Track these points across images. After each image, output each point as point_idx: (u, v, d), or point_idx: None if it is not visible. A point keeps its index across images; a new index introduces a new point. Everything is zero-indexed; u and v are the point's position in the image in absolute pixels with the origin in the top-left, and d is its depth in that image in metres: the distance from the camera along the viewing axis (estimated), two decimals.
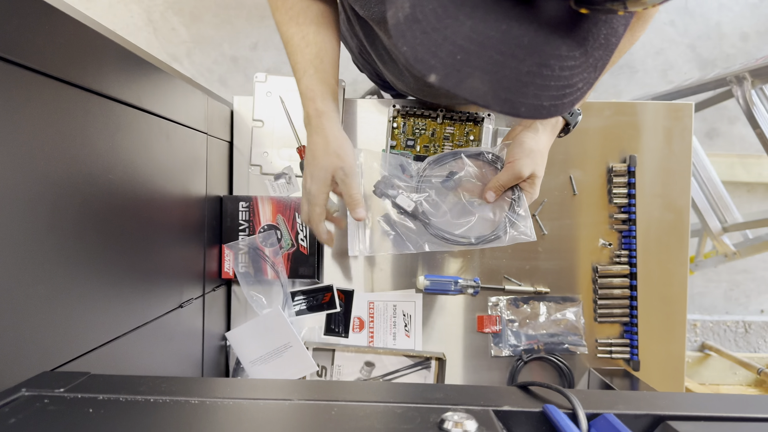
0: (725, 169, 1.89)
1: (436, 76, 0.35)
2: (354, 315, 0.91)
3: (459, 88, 0.35)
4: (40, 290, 0.43)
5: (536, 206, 0.90)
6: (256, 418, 0.37)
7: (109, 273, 0.54)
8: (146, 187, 0.61)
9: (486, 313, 0.91)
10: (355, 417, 0.37)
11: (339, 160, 0.66)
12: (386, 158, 0.82)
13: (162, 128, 0.65)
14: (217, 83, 1.94)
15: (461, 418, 0.35)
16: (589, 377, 0.90)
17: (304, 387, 0.46)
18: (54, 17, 0.44)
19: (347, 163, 0.67)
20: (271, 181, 0.91)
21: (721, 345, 1.92)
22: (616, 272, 0.89)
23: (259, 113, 0.91)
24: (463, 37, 0.35)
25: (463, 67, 0.35)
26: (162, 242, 0.67)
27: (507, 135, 0.79)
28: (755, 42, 1.98)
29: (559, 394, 0.41)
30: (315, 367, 0.88)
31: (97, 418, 0.35)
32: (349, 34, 0.89)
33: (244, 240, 0.89)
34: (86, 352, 0.49)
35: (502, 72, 0.35)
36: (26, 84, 0.41)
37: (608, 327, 0.91)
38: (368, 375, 0.90)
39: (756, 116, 1.26)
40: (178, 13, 1.91)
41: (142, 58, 0.59)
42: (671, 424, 0.38)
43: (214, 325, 0.87)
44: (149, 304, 0.63)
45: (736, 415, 0.39)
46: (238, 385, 0.44)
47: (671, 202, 0.90)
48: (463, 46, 0.35)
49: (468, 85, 0.35)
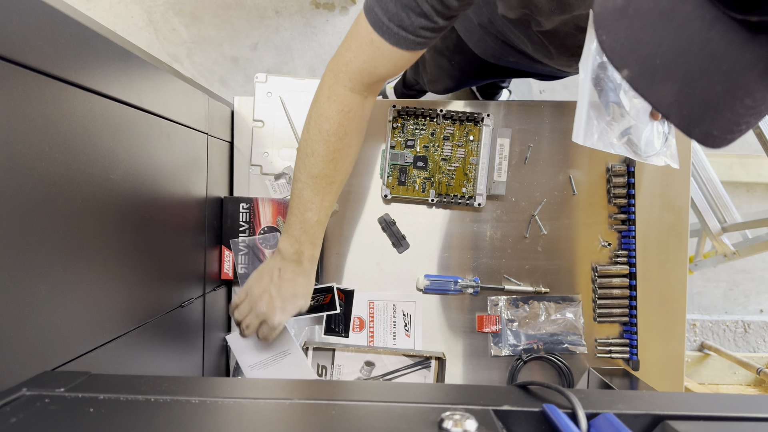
0: (724, 169, 1.90)
1: (629, 73, 0.35)
2: (354, 315, 0.91)
3: (648, 91, 0.35)
4: (41, 290, 0.43)
5: (536, 206, 0.90)
6: (256, 418, 0.37)
7: (109, 273, 0.54)
8: (147, 187, 0.61)
9: (486, 313, 0.91)
10: (355, 417, 0.37)
11: (300, 299, 0.78)
12: None
13: (162, 128, 0.65)
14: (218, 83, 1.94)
15: (461, 417, 0.35)
16: (589, 377, 0.90)
17: (304, 387, 0.46)
18: (54, 17, 0.44)
19: (304, 305, 0.79)
20: (272, 182, 0.91)
21: (721, 345, 1.92)
22: (615, 272, 0.90)
23: (259, 113, 0.91)
24: (669, 43, 0.34)
25: (659, 72, 0.35)
26: (162, 242, 0.67)
27: None
28: None
29: (558, 394, 0.41)
30: (314, 375, 0.88)
31: (97, 418, 0.35)
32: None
33: (245, 240, 0.89)
34: (86, 352, 0.49)
35: (694, 89, 0.35)
36: (26, 84, 0.41)
37: (608, 327, 0.91)
38: (368, 375, 0.90)
39: None
40: (178, 14, 1.91)
41: (143, 59, 0.59)
42: (671, 423, 0.38)
43: (214, 325, 0.87)
44: (149, 304, 0.63)
45: (736, 415, 0.39)
46: (238, 385, 0.45)
47: (670, 202, 0.90)
48: (666, 52, 0.34)
49: (657, 90, 0.35)
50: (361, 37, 0.62)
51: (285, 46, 1.93)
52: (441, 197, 0.89)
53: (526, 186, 0.91)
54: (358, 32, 0.63)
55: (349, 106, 0.67)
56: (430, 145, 0.89)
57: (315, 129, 0.69)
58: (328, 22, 1.93)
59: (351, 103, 0.67)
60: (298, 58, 1.94)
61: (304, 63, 1.94)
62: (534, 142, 0.90)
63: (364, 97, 0.69)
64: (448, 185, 0.89)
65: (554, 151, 0.91)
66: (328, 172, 0.70)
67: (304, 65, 1.94)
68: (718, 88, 0.34)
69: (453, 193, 0.89)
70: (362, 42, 0.62)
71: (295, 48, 1.93)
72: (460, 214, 0.91)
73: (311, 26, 1.93)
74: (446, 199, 0.89)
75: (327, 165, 0.70)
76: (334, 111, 0.67)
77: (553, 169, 0.90)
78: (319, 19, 1.94)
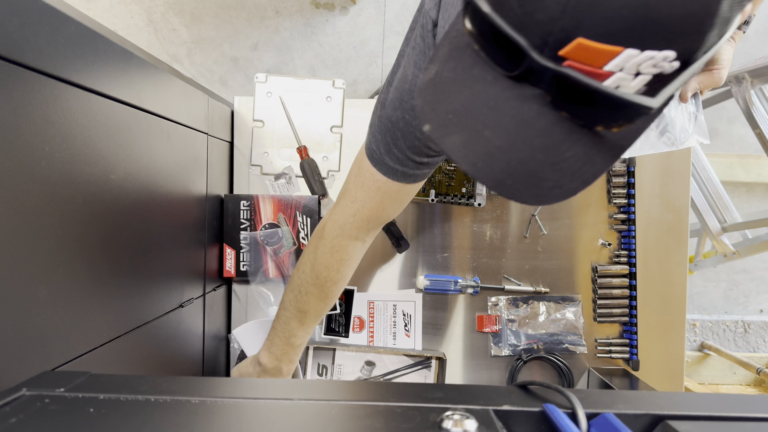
0: (724, 169, 1.90)
1: (430, 127, 0.40)
2: (354, 315, 0.91)
3: (442, 140, 0.40)
4: (41, 290, 0.43)
5: (536, 206, 0.90)
6: (256, 418, 0.37)
7: (109, 273, 0.54)
8: (147, 187, 0.61)
9: (486, 313, 0.91)
10: (355, 417, 0.37)
11: (269, 371, 0.79)
12: None
13: (163, 128, 0.65)
14: (218, 83, 1.94)
15: (461, 417, 0.35)
16: (589, 377, 0.90)
17: (304, 387, 0.46)
18: (54, 17, 0.44)
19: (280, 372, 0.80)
20: (272, 181, 0.91)
21: (721, 345, 1.93)
22: (615, 272, 0.90)
23: (259, 113, 0.91)
24: (459, 102, 0.40)
25: (450, 125, 0.40)
26: (162, 242, 0.67)
27: None
28: (754, 42, 1.98)
29: (558, 394, 0.41)
30: (314, 374, 0.88)
31: (97, 418, 0.35)
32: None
33: (246, 238, 0.89)
34: (86, 352, 0.49)
35: (478, 139, 0.39)
36: (26, 84, 0.41)
37: (607, 327, 0.91)
38: (369, 374, 0.90)
39: (755, 116, 1.26)
40: (178, 14, 1.91)
41: (143, 59, 0.59)
42: (671, 423, 0.38)
43: (214, 325, 0.87)
44: (149, 304, 0.63)
45: (736, 415, 0.39)
46: (238, 385, 0.44)
47: (670, 202, 0.90)
48: (456, 109, 0.40)
49: (449, 140, 0.40)
50: (367, 186, 0.66)
51: (285, 46, 1.93)
52: (441, 197, 0.89)
53: None
54: (363, 182, 0.66)
55: (351, 254, 0.71)
56: None
57: (313, 273, 0.72)
58: (328, 22, 1.93)
59: (353, 251, 0.71)
60: (298, 58, 1.94)
61: (304, 63, 1.94)
62: None
63: (364, 242, 0.72)
64: (448, 185, 0.89)
65: None
66: (318, 309, 0.74)
67: (304, 65, 1.94)
68: (500, 140, 0.39)
69: (453, 193, 0.89)
70: (369, 190, 0.66)
71: (295, 48, 1.94)
72: (460, 214, 0.91)
73: (311, 26, 1.93)
74: (446, 198, 0.89)
75: (318, 304, 0.73)
76: (335, 260, 0.71)
77: None
78: (319, 19, 1.94)
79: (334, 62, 1.91)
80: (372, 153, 0.64)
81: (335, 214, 0.70)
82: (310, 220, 0.89)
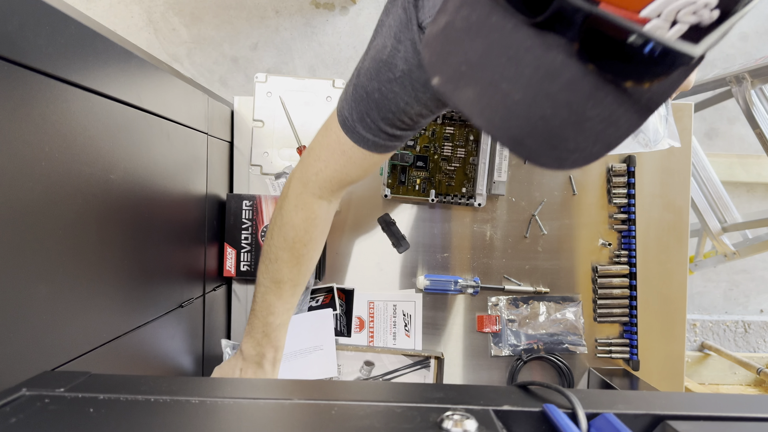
0: (725, 169, 1.89)
1: (439, 79, 0.37)
2: (354, 315, 0.91)
3: (453, 94, 0.37)
4: (41, 290, 0.43)
5: (536, 206, 0.90)
6: (256, 418, 0.37)
7: (109, 273, 0.54)
8: (147, 187, 0.61)
9: (486, 313, 0.91)
10: (355, 417, 0.37)
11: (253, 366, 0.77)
12: None
13: (162, 128, 0.65)
14: (218, 83, 1.94)
15: (461, 417, 0.35)
16: (589, 377, 0.90)
17: (304, 387, 0.46)
18: (54, 17, 0.44)
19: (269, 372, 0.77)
20: (272, 181, 0.91)
21: (721, 345, 1.92)
22: (615, 272, 0.90)
23: (259, 113, 0.91)
24: (474, 52, 0.37)
25: (464, 77, 0.37)
26: (162, 243, 0.67)
27: None
28: (755, 42, 1.98)
29: (558, 394, 0.41)
30: (336, 373, 0.87)
31: (97, 418, 0.35)
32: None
33: (247, 238, 0.89)
34: (86, 352, 0.49)
35: (494, 92, 0.36)
36: (26, 84, 0.41)
37: (608, 327, 0.91)
38: (368, 374, 0.90)
39: (755, 116, 1.26)
40: (178, 14, 1.91)
41: (143, 59, 0.59)
42: (671, 423, 0.38)
43: (214, 326, 0.87)
44: (149, 304, 0.63)
45: (736, 415, 0.39)
46: (239, 385, 0.44)
47: (671, 202, 0.90)
48: (470, 59, 0.37)
49: (461, 93, 0.37)
50: (332, 148, 0.64)
51: (285, 46, 1.93)
52: (441, 197, 0.89)
53: (526, 186, 0.91)
54: (329, 143, 0.65)
55: (316, 213, 0.69)
56: (430, 145, 0.89)
57: (280, 236, 0.70)
58: (328, 22, 1.93)
59: (318, 209, 0.69)
60: (298, 57, 1.94)
61: (304, 63, 1.94)
62: None
63: (329, 202, 0.70)
64: (448, 185, 0.89)
65: None
66: (292, 277, 0.72)
67: (304, 65, 1.94)
68: (519, 93, 0.36)
69: (453, 193, 0.89)
70: (333, 152, 0.65)
71: (295, 48, 1.94)
72: (460, 214, 0.91)
73: (311, 26, 1.93)
74: (446, 199, 0.89)
75: (291, 270, 0.71)
76: (300, 219, 0.69)
77: None
78: (319, 19, 1.94)
79: (334, 62, 1.91)
80: (344, 120, 0.62)
81: (298, 171, 0.68)
82: None
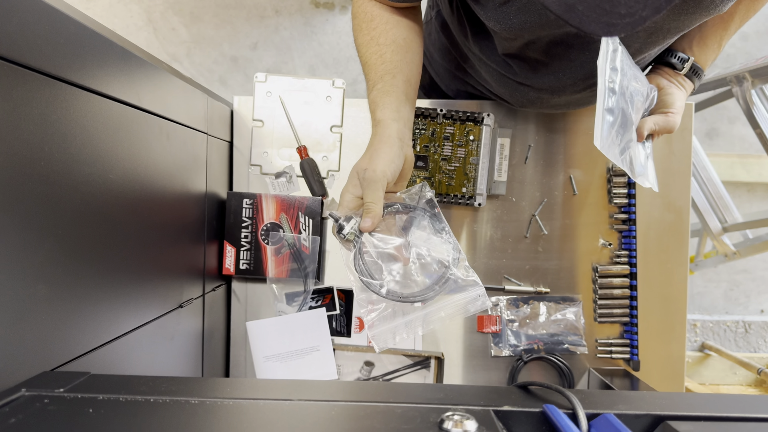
0: (725, 169, 1.90)
1: None
2: (354, 315, 0.91)
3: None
4: (40, 290, 0.43)
5: (536, 206, 0.90)
6: (256, 418, 0.37)
7: (109, 273, 0.54)
8: (146, 187, 0.61)
9: (486, 313, 0.91)
10: (355, 417, 0.37)
11: (366, 162, 0.65)
12: None
13: (162, 128, 0.65)
14: (217, 83, 1.94)
15: (461, 417, 0.35)
16: (589, 377, 0.90)
17: (304, 387, 0.46)
18: (54, 17, 0.44)
19: (371, 168, 0.63)
20: (272, 180, 0.91)
21: (721, 345, 1.92)
22: (616, 272, 0.89)
23: (259, 113, 0.91)
24: None
25: None
26: (162, 243, 0.67)
27: (649, 78, 0.75)
28: (755, 42, 1.98)
29: (559, 394, 0.41)
30: (335, 375, 0.87)
31: (97, 418, 0.35)
32: (445, 56, 0.91)
33: (247, 237, 0.89)
34: (86, 352, 0.49)
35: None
36: (26, 84, 0.41)
37: (608, 327, 0.91)
38: (368, 374, 0.90)
39: (756, 116, 1.26)
40: (178, 13, 1.91)
41: (142, 58, 0.59)
42: (671, 424, 0.38)
43: (214, 325, 0.87)
44: (149, 304, 0.63)
45: (736, 415, 0.39)
46: (238, 385, 0.44)
47: (671, 202, 0.90)
48: None
49: None
50: None
51: (285, 46, 1.93)
52: (441, 197, 0.89)
53: (526, 186, 0.91)
54: None
55: (372, 14, 0.70)
56: (430, 145, 0.89)
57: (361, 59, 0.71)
58: (327, 22, 1.93)
59: (372, 9, 0.71)
60: (298, 57, 1.94)
61: (304, 62, 1.94)
62: (534, 142, 0.90)
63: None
64: (448, 185, 0.89)
65: (554, 150, 0.91)
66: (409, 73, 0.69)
67: (304, 65, 1.94)
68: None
69: (453, 193, 0.89)
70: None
71: (295, 47, 1.93)
72: (460, 214, 0.91)
73: (311, 26, 1.93)
74: (446, 199, 0.89)
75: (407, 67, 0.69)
76: (356, 25, 0.71)
77: (553, 169, 0.90)
78: (319, 19, 1.94)
79: (333, 61, 1.91)
80: None
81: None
82: (312, 221, 0.89)
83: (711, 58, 0.75)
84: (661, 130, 0.73)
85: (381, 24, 0.69)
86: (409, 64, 0.69)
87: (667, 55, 0.74)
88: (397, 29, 0.69)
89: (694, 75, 0.74)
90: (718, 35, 0.73)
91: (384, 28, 0.69)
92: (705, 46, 0.73)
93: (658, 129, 0.73)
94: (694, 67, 0.73)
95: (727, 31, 0.73)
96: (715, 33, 0.72)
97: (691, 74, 0.74)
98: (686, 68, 0.73)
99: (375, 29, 0.69)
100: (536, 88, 0.77)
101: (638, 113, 0.69)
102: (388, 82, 0.68)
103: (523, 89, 0.78)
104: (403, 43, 0.69)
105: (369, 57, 0.69)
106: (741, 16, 0.72)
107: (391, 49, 0.68)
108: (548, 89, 0.76)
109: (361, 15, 0.71)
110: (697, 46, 0.73)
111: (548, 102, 0.80)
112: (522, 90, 0.79)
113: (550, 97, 0.78)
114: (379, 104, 0.67)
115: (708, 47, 0.73)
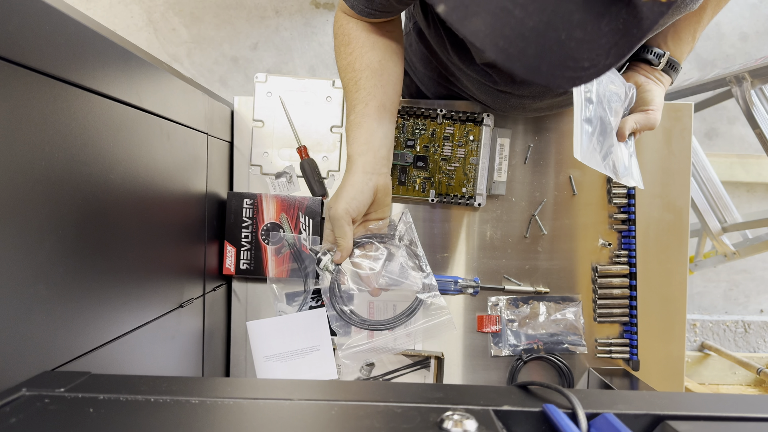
0: (725, 169, 1.90)
1: (445, 8, 0.36)
2: None
3: (461, 24, 0.36)
4: (40, 290, 0.43)
5: (536, 206, 0.90)
6: (256, 418, 0.37)
7: (109, 273, 0.54)
8: (147, 187, 0.61)
9: (486, 313, 0.91)
10: (355, 417, 0.37)
11: (333, 201, 0.68)
12: None
13: (162, 128, 0.65)
14: (218, 83, 1.94)
15: (461, 417, 0.35)
16: (589, 377, 0.90)
17: (304, 387, 0.46)
18: (54, 17, 0.44)
19: (334, 207, 0.67)
20: (272, 180, 0.91)
21: (721, 345, 1.93)
22: (615, 272, 0.90)
23: (259, 113, 0.91)
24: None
25: (471, 4, 0.35)
26: (162, 243, 0.67)
27: (627, 76, 0.76)
28: (755, 42, 1.98)
29: (558, 394, 0.41)
30: (335, 375, 0.87)
31: (97, 418, 0.35)
32: (427, 65, 0.92)
33: (247, 237, 0.89)
34: (86, 352, 0.49)
35: (507, 20, 0.35)
36: (26, 84, 0.41)
37: (608, 327, 0.91)
38: (368, 374, 0.90)
39: (755, 116, 1.27)
40: (178, 14, 1.91)
41: (143, 59, 0.59)
42: (671, 423, 0.38)
43: (214, 325, 0.87)
44: (149, 304, 0.63)
45: (736, 415, 0.39)
46: (238, 385, 0.45)
47: (671, 202, 0.90)
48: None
49: (471, 23, 0.35)
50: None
51: (285, 46, 1.93)
52: (441, 197, 0.89)
53: (526, 186, 0.91)
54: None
55: (351, 34, 0.72)
56: (430, 145, 0.89)
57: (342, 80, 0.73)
58: (328, 22, 1.93)
59: (352, 30, 0.72)
60: (298, 57, 1.94)
61: (304, 63, 1.94)
62: (534, 142, 0.90)
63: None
64: (448, 185, 0.89)
65: (554, 151, 0.91)
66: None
67: (304, 65, 1.94)
68: (534, 17, 0.34)
69: (453, 193, 0.89)
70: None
71: (295, 48, 1.94)
72: (460, 214, 0.91)
73: (311, 26, 1.93)
74: (446, 199, 0.89)
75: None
76: (338, 44, 0.73)
77: (553, 169, 0.90)
78: (319, 19, 1.94)
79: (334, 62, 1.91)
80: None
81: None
82: (312, 221, 0.89)
83: (686, 51, 0.75)
84: (642, 127, 0.74)
85: (357, 48, 0.70)
86: (383, 87, 0.70)
87: (642, 52, 0.74)
88: (373, 52, 0.70)
89: (671, 69, 0.75)
90: (692, 28, 0.73)
91: (360, 53, 0.70)
92: (679, 39, 0.73)
93: (639, 127, 0.74)
94: (670, 61, 0.73)
95: (700, 23, 0.73)
96: (688, 26, 0.73)
97: (667, 68, 0.75)
98: (662, 63, 0.73)
99: (351, 54, 0.70)
100: (517, 95, 0.78)
101: (617, 115, 0.70)
102: (359, 112, 0.69)
103: (504, 96, 0.79)
104: (378, 67, 0.70)
105: (346, 83, 0.71)
106: (713, 7, 0.72)
107: (365, 75, 0.70)
108: (529, 95, 0.77)
109: (340, 36, 0.72)
110: (672, 40, 0.73)
111: (530, 107, 0.81)
112: (503, 97, 0.79)
113: (532, 102, 0.79)
114: (349, 138, 0.70)
115: (682, 41, 0.73)
